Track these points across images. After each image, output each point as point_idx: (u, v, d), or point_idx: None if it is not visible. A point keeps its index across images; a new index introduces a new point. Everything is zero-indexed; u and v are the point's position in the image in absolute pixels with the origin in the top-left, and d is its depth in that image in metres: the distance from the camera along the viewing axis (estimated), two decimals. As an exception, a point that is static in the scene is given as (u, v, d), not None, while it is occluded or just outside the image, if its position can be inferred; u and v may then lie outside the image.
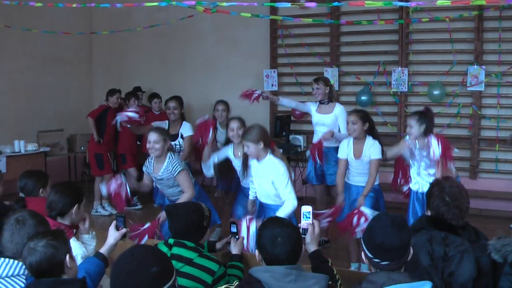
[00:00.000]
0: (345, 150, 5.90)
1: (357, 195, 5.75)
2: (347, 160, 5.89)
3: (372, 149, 5.69)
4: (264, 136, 5.07)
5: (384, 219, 2.80)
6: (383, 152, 5.73)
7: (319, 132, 6.79)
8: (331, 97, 6.87)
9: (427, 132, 5.40)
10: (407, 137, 5.64)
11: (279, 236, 2.90)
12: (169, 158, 5.59)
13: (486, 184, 8.82)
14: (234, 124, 6.08)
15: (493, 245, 3.12)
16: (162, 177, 5.62)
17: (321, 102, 6.85)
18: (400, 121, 9.17)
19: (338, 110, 6.78)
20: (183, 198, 5.48)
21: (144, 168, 5.85)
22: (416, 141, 5.46)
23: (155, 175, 5.67)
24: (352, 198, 5.83)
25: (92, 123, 8.93)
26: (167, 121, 7.10)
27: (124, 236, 3.77)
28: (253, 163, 5.29)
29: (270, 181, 5.05)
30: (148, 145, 5.55)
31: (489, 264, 3.14)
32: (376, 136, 5.81)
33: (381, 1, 5.41)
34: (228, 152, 6.27)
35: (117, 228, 3.76)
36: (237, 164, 6.15)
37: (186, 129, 6.93)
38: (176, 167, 5.54)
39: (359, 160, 5.76)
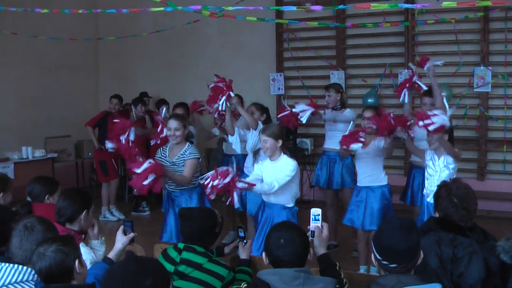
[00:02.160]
0: None
1: (366, 197, 5.78)
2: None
3: (380, 142, 5.69)
4: (283, 136, 5.18)
5: (393, 222, 2.81)
6: None
7: (332, 136, 6.76)
8: (343, 103, 6.85)
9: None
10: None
11: (283, 238, 2.94)
12: (188, 145, 5.71)
13: (494, 186, 8.79)
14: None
15: (501, 246, 3.11)
16: (176, 162, 5.64)
17: (333, 109, 6.82)
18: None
19: (345, 114, 6.75)
20: (177, 176, 5.55)
21: (157, 156, 5.81)
22: (434, 152, 5.34)
23: (169, 159, 5.68)
24: (361, 199, 5.85)
25: (91, 131, 8.97)
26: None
27: (132, 241, 3.78)
28: (266, 163, 5.29)
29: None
30: (168, 133, 5.63)
31: (497, 265, 3.13)
32: None
33: (387, 3, 5.44)
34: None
35: (125, 233, 3.77)
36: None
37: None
38: (193, 153, 5.63)
39: (364, 150, 5.75)
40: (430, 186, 5.22)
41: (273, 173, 5.14)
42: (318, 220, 3.60)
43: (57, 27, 10.11)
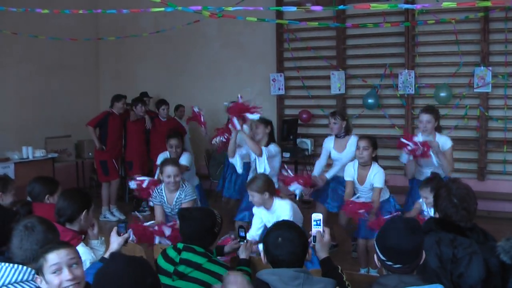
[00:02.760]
0: (352, 173, 5.83)
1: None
2: (353, 182, 5.84)
3: (376, 177, 5.64)
4: (269, 186, 5.07)
5: (398, 222, 2.82)
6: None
7: (338, 165, 6.58)
8: (347, 130, 6.67)
9: None
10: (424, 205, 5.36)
11: (281, 237, 2.94)
12: (182, 187, 5.61)
13: (494, 186, 8.79)
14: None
15: (502, 246, 3.11)
16: (174, 208, 5.58)
17: (337, 136, 6.66)
18: (407, 123, 9.16)
19: (350, 143, 6.52)
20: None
21: (154, 201, 5.72)
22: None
23: (169, 206, 5.63)
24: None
25: (92, 131, 8.95)
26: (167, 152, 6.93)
27: (126, 241, 3.78)
28: (262, 212, 5.20)
29: None
30: (168, 179, 5.49)
31: (497, 265, 3.13)
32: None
33: (387, 3, 5.43)
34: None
35: (119, 234, 3.77)
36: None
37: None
38: (188, 196, 5.56)
39: (362, 187, 5.72)
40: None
41: (272, 221, 5.11)
42: (320, 225, 3.60)
43: (58, 27, 10.11)
